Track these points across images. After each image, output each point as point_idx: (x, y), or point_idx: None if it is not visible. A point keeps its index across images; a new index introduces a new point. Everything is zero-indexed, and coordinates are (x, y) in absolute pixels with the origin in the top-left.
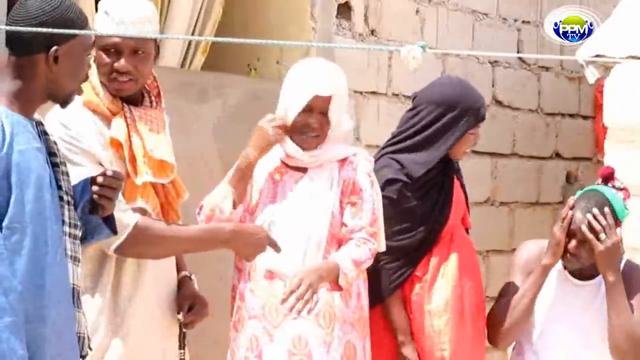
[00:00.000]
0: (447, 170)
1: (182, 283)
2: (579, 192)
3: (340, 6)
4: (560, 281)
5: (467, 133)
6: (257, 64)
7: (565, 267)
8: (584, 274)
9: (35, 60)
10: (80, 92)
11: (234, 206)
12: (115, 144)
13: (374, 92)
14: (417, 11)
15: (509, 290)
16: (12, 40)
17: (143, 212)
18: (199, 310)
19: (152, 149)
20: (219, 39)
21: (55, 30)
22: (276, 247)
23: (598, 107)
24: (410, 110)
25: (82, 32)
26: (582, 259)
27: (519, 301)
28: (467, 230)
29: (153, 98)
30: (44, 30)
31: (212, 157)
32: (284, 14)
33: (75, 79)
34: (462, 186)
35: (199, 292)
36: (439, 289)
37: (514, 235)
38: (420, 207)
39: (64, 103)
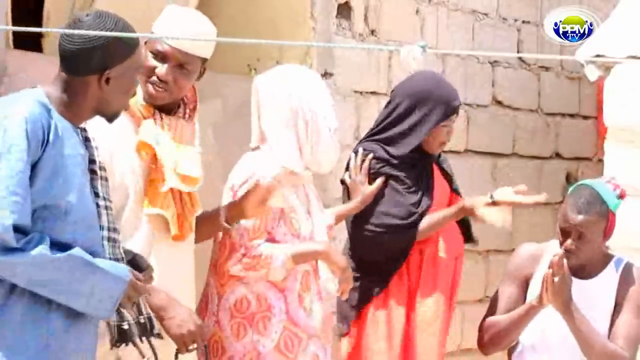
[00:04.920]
0: (425, 163)
1: None
2: (570, 189)
3: (340, 6)
4: None
5: (438, 125)
6: (257, 64)
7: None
8: (584, 272)
9: (87, 81)
10: (127, 107)
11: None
12: (143, 147)
13: (374, 92)
14: (417, 11)
15: (497, 300)
16: (66, 60)
17: (163, 219)
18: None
19: (177, 162)
20: (219, 39)
21: (59, 30)
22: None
23: (600, 107)
24: (387, 103)
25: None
26: (582, 255)
27: (503, 335)
28: None
29: (188, 110)
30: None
31: (212, 158)
32: (284, 14)
33: (125, 97)
34: (447, 175)
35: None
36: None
37: (514, 235)
38: (407, 190)
39: (111, 119)
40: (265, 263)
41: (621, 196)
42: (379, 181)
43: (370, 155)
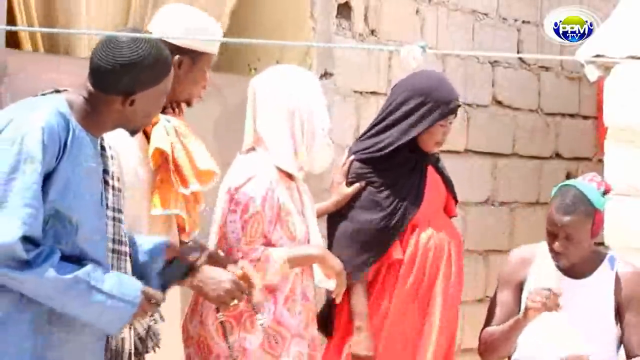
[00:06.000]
0: (418, 160)
1: (213, 258)
2: (554, 190)
3: (340, 6)
4: (557, 280)
5: (435, 124)
6: (257, 64)
7: (561, 270)
8: (578, 271)
9: (112, 99)
10: (153, 123)
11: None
12: (159, 154)
13: (374, 92)
14: (417, 11)
15: (494, 308)
16: (94, 75)
17: (179, 218)
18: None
19: (197, 160)
20: (219, 39)
21: (53, 31)
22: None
23: (601, 107)
24: (387, 99)
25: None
26: (571, 255)
27: (498, 346)
28: (452, 217)
29: (175, 105)
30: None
31: (212, 157)
32: (284, 14)
33: (147, 118)
34: (444, 178)
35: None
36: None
37: (514, 235)
38: (388, 192)
39: (132, 133)
40: (261, 267)
41: (606, 191)
42: (357, 185)
43: (352, 157)
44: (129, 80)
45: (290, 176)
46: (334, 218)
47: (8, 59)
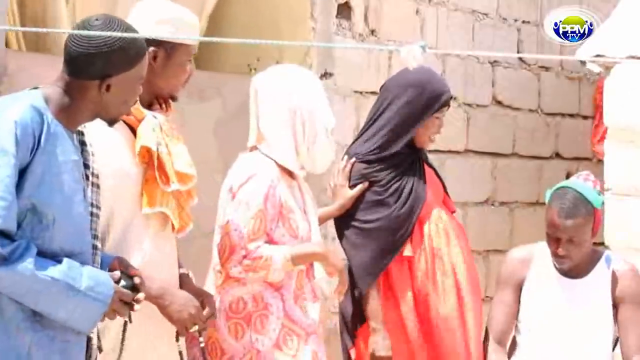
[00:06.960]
0: (413, 155)
1: (182, 280)
2: (548, 192)
3: (340, 6)
4: (556, 279)
5: (431, 117)
6: (257, 64)
7: (559, 270)
8: (575, 271)
9: (88, 85)
10: (129, 113)
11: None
12: (145, 151)
13: (373, 92)
14: (417, 11)
15: (495, 310)
16: (69, 62)
17: (164, 217)
18: (212, 306)
19: (175, 160)
20: (220, 39)
21: (59, 31)
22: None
23: (596, 107)
24: (378, 98)
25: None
26: (575, 257)
27: None
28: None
29: (162, 101)
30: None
31: (212, 157)
32: (283, 14)
33: (125, 105)
34: (436, 173)
35: (201, 288)
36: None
37: (514, 235)
38: (394, 189)
39: (110, 123)
40: (265, 265)
41: (600, 190)
42: (360, 186)
43: (353, 160)
44: (103, 63)
45: (291, 174)
46: (343, 222)
47: (8, 59)
